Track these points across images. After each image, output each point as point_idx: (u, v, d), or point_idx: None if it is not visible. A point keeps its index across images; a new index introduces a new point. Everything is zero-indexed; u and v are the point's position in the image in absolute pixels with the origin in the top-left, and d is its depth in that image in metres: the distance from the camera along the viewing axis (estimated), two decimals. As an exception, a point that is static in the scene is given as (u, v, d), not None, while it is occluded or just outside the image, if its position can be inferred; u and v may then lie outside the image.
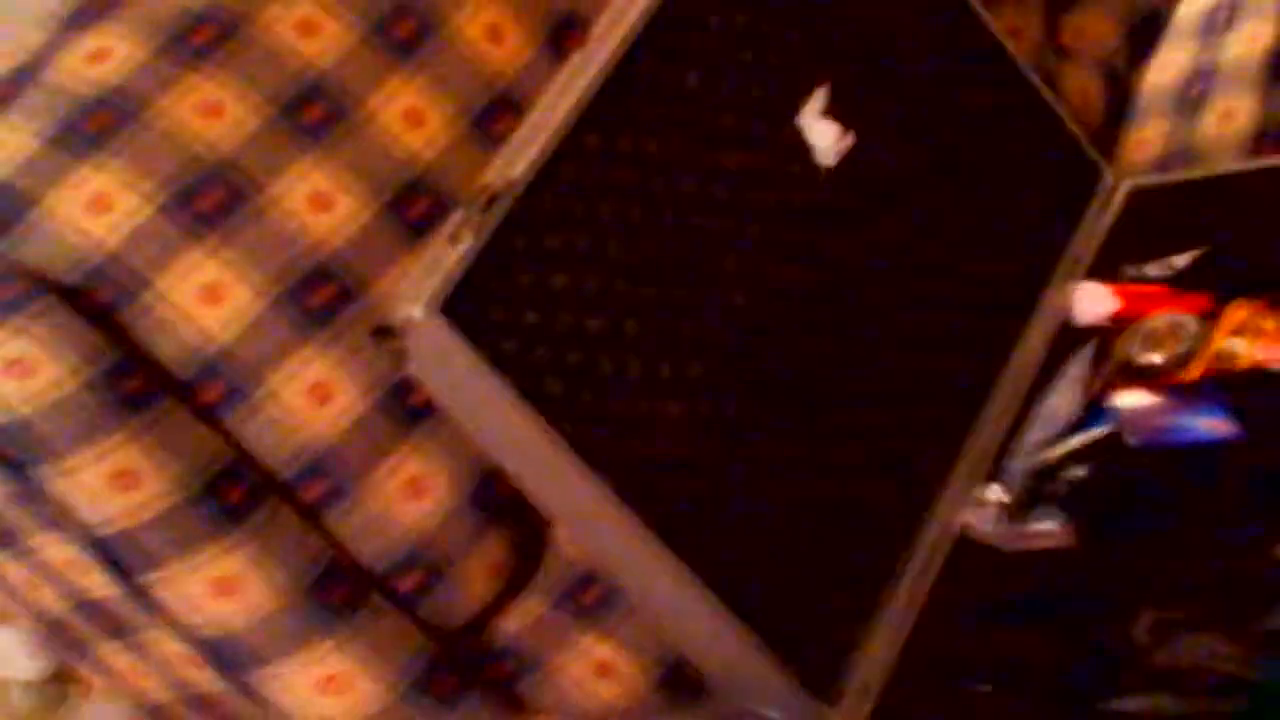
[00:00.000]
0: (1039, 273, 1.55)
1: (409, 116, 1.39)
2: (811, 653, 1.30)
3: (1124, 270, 1.54)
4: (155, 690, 1.46)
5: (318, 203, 1.35)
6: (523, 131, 1.29)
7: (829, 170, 1.41)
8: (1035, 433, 1.43)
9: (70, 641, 1.45)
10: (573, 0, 1.48)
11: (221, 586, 1.30)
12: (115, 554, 1.30)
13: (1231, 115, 1.72)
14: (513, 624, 1.43)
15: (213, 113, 1.34)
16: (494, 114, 1.44)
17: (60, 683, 1.91)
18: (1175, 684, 1.19)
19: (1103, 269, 1.56)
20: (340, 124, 1.37)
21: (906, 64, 1.50)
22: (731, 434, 1.31)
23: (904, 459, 1.41)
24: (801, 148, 1.40)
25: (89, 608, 1.38)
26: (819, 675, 1.30)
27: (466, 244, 1.22)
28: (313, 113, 1.37)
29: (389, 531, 1.36)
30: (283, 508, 1.32)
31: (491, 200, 1.24)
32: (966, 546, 1.40)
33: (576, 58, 1.33)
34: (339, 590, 1.33)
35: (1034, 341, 1.52)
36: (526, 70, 1.45)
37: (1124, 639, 1.24)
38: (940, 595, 1.37)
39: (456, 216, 1.25)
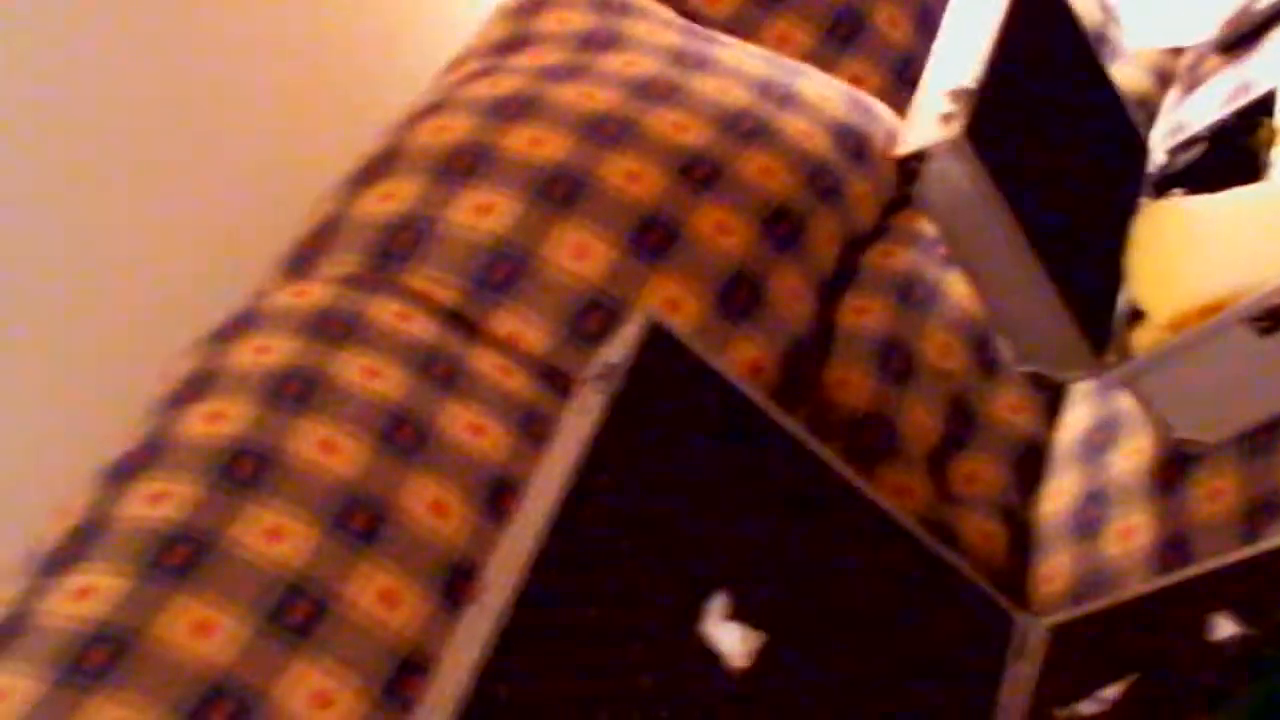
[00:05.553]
0: (972, 734, 1.54)
1: (313, 701, 1.39)
2: None
3: (1055, 713, 1.52)
4: None
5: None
6: (430, 695, 1.28)
7: (742, 671, 1.41)
8: None
9: None
10: (465, 552, 1.50)
11: None
12: None
13: (1131, 533, 1.72)
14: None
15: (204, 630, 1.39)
16: (402, 677, 1.43)
17: None
18: None
19: (1036, 715, 1.55)
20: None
21: (800, 553, 1.52)
22: None
23: None
24: (710, 653, 1.40)
25: None
26: None
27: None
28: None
29: None
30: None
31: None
32: None
33: (471, 610, 1.33)
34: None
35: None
36: (427, 629, 1.46)
37: None
38: None
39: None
